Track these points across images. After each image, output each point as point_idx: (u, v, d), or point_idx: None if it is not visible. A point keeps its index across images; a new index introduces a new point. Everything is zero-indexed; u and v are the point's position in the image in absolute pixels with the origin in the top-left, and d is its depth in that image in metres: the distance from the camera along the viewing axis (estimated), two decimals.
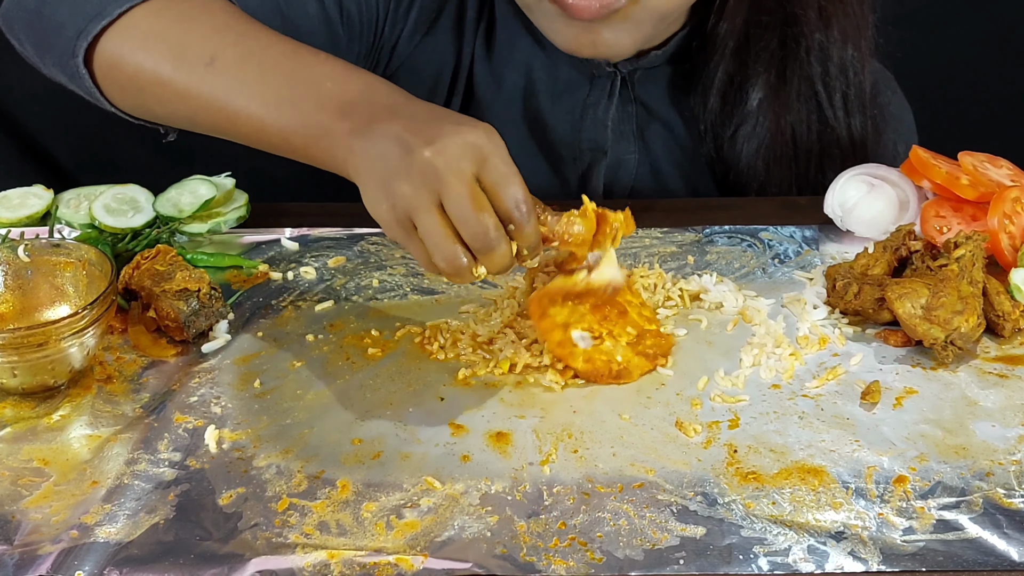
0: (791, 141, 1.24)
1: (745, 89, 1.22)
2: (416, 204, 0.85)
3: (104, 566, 0.80)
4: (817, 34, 1.20)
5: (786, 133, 1.23)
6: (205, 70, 0.98)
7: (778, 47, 1.21)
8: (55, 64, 1.07)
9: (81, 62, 1.03)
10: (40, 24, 1.06)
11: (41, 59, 1.09)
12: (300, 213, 1.20)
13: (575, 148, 1.28)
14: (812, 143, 1.24)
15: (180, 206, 1.16)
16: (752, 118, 1.22)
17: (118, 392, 0.96)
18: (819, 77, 1.22)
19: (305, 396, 0.95)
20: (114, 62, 1.03)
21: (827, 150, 1.25)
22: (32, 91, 1.88)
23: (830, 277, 1.05)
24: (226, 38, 1.00)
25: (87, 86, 1.05)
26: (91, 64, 1.04)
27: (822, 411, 0.92)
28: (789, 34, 1.20)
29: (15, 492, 0.86)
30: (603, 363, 0.95)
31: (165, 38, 1.01)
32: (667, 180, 1.29)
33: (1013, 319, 0.99)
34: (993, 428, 0.90)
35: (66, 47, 1.04)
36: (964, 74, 1.88)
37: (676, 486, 0.85)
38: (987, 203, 1.06)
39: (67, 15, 1.04)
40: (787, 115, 1.23)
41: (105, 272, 0.97)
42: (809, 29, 1.20)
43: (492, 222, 0.85)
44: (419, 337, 1.01)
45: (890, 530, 0.81)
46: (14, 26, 1.10)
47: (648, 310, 1.01)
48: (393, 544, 0.81)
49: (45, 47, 1.07)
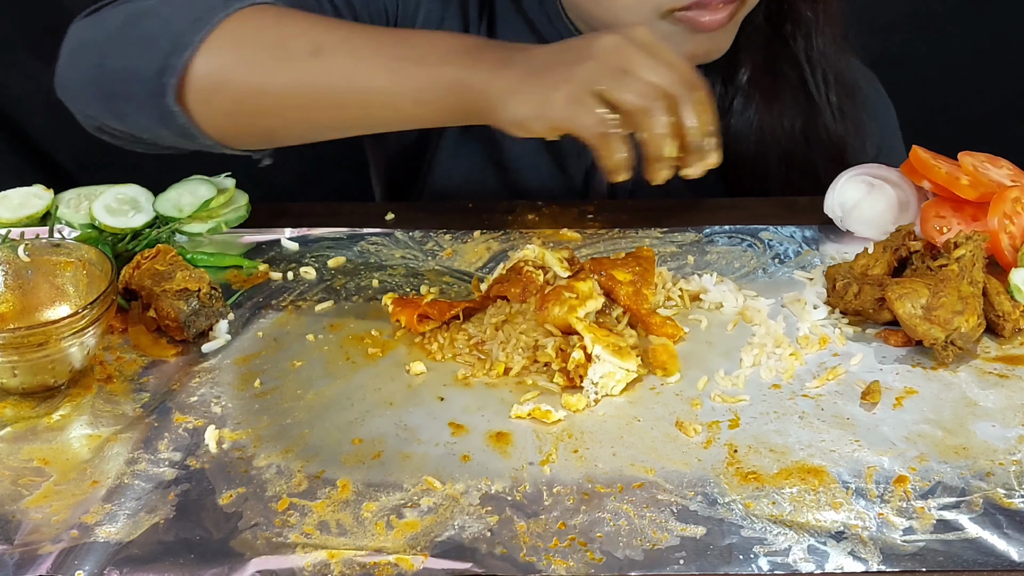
0: (779, 120, 1.24)
1: (736, 64, 1.23)
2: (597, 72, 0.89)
3: (104, 566, 0.80)
4: (803, 8, 1.21)
5: (775, 110, 1.24)
6: (314, 60, 0.96)
7: (763, 21, 1.22)
8: (136, 112, 1.03)
9: (173, 100, 1.00)
10: (106, 77, 1.03)
11: (115, 112, 1.06)
12: (300, 213, 1.20)
13: (579, 144, 1.27)
14: (798, 124, 1.25)
15: (180, 206, 1.16)
16: (742, 93, 1.23)
17: (118, 392, 0.96)
18: (803, 53, 1.23)
19: (305, 396, 0.95)
20: (213, 86, 0.99)
21: (815, 138, 1.25)
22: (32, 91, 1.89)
23: (830, 277, 1.05)
24: (317, 27, 0.98)
25: (181, 123, 1.01)
26: (184, 101, 1.00)
27: (822, 411, 0.92)
28: (775, 6, 1.21)
29: (15, 492, 0.86)
30: None
31: (260, 46, 0.99)
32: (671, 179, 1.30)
33: (1013, 319, 0.99)
34: (993, 428, 0.90)
35: (149, 90, 1.00)
36: (964, 74, 1.88)
37: (676, 486, 0.85)
38: (987, 203, 1.06)
39: (138, 59, 1.00)
40: (775, 92, 1.23)
41: (105, 272, 0.96)
42: (796, 3, 1.21)
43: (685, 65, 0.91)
44: (419, 337, 1.01)
45: (890, 530, 0.81)
46: (74, 89, 1.07)
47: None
48: (393, 544, 0.81)
49: (119, 98, 1.03)
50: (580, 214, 1.19)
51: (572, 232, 1.16)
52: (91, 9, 1.09)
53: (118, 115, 1.06)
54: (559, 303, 0.96)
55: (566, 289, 0.98)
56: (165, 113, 1.01)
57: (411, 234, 1.17)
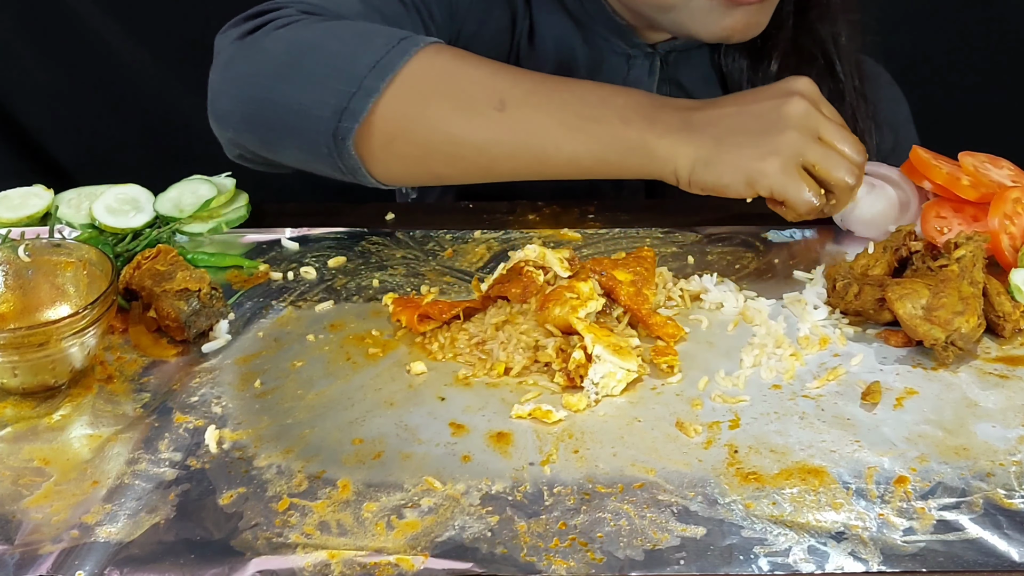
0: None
1: (765, 53, 1.24)
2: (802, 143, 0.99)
3: (105, 566, 0.80)
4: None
5: None
6: (500, 115, 0.98)
7: (791, 7, 1.23)
8: (299, 149, 1.03)
9: (352, 144, 0.99)
10: (271, 112, 1.02)
11: (272, 145, 1.05)
12: (300, 213, 1.20)
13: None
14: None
15: (181, 206, 1.16)
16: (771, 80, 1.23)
17: (119, 392, 0.96)
18: (829, 39, 1.24)
19: (306, 396, 0.95)
20: (396, 132, 1.00)
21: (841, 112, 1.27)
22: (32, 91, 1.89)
23: (830, 277, 1.05)
24: (498, 77, 1.00)
25: (352, 166, 1.01)
26: (359, 145, 1.00)
27: (823, 411, 0.92)
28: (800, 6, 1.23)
29: (16, 492, 0.86)
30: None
31: (445, 95, 0.99)
32: None
33: (1014, 320, 0.99)
34: (994, 429, 0.90)
35: (323, 130, 0.99)
36: (963, 74, 1.88)
37: (677, 486, 0.85)
38: (988, 204, 1.06)
39: (310, 97, 1.00)
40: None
41: (105, 272, 0.96)
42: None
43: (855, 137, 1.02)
44: (419, 337, 1.01)
45: (891, 531, 0.81)
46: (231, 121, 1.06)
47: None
48: (394, 544, 0.81)
49: (282, 132, 1.02)
50: (580, 214, 1.20)
51: (572, 232, 1.16)
52: (235, 24, 1.08)
53: (275, 148, 1.06)
54: (560, 303, 0.96)
55: (567, 289, 0.98)
56: (338, 154, 1.01)
57: (411, 234, 1.17)
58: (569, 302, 0.96)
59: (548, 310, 0.97)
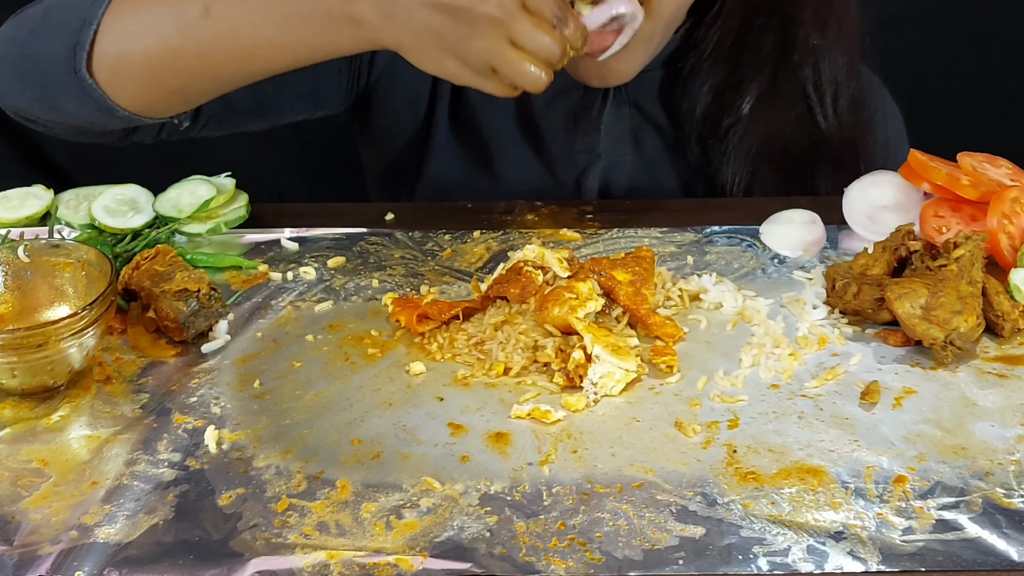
0: (780, 145, 1.24)
1: (738, 92, 1.22)
2: (494, 52, 0.93)
3: (104, 567, 0.80)
4: (812, 38, 1.20)
5: (776, 137, 1.23)
6: (206, 20, 1.01)
7: (771, 50, 1.21)
8: (58, 95, 1.07)
9: (86, 74, 1.04)
10: (31, 65, 1.07)
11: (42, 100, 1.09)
12: (300, 213, 1.20)
13: (569, 151, 1.27)
14: (802, 147, 1.24)
15: (180, 206, 1.16)
16: (743, 121, 1.22)
17: (117, 393, 0.96)
18: (811, 81, 1.22)
19: (305, 396, 0.95)
20: (120, 57, 1.04)
21: (817, 154, 1.25)
22: None
23: (829, 277, 1.05)
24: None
25: (98, 96, 1.05)
26: (95, 74, 1.05)
27: (821, 411, 0.92)
28: (783, 37, 1.20)
29: (15, 493, 0.86)
30: None
31: (153, 13, 1.03)
32: (663, 181, 1.29)
33: (1012, 319, 0.99)
34: (992, 428, 0.90)
35: (65, 68, 1.04)
36: (962, 75, 1.88)
37: (675, 486, 0.85)
38: (986, 203, 1.06)
39: (52, 41, 1.05)
40: (777, 119, 1.23)
41: (105, 272, 0.96)
42: (804, 32, 1.20)
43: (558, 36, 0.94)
44: (418, 337, 1.01)
45: (889, 530, 0.81)
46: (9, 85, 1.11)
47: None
48: (392, 544, 0.81)
49: (43, 84, 1.08)
50: (580, 214, 1.19)
51: (572, 232, 1.16)
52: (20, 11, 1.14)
53: (46, 103, 1.10)
54: (559, 303, 0.97)
55: (566, 289, 0.98)
56: (81, 88, 1.05)
57: (411, 234, 1.17)
58: (568, 302, 0.96)
59: (547, 310, 0.97)
